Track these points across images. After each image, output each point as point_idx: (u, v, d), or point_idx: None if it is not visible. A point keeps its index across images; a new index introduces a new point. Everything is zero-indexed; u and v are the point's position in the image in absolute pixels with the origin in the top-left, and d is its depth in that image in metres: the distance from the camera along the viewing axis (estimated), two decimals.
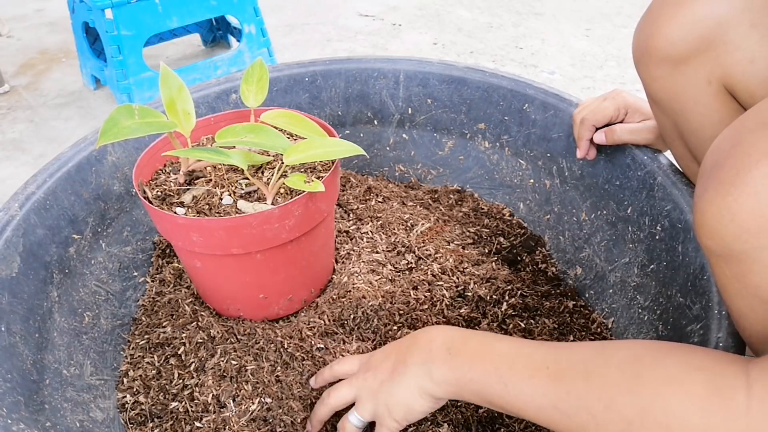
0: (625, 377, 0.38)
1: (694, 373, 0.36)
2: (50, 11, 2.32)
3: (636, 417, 0.37)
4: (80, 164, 0.76)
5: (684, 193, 0.67)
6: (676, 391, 0.36)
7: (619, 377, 0.39)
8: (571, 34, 1.99)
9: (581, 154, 0.80)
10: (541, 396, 0.42)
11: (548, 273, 0.84)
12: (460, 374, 0.48)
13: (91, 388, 0.67)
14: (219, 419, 0.63)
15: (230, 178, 0.69)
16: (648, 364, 0.38)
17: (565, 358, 0.43)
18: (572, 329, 0.75)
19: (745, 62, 0.53)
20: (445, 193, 0.99)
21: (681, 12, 0.55)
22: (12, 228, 0.65)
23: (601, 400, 0.39)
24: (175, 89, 0.65)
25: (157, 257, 0.84)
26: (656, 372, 0.37)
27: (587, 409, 0.39)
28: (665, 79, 0.59)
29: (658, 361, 0.38)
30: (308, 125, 0.68)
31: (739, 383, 0.34)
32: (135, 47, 1.51)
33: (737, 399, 0.34)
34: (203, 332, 0.71)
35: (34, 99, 1.72)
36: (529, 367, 0.44)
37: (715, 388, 0.35)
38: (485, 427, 0.63)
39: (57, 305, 0.68)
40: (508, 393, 0.44)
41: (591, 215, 0.83)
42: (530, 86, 0.89)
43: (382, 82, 0.97)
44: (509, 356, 0.46)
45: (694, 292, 0.60)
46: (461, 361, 0.48)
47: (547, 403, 0.42)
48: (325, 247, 0.75)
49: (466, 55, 1.88)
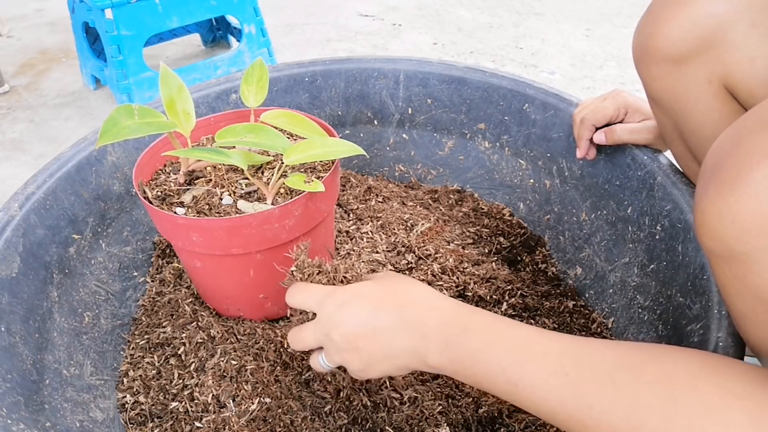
0: (658, 400, 0.37)
1: (733, 402, 0.35)
2: (50, 11, 2.32)
3: None
4: (80, 164, 0.76)
5: (684, 193, 0.67)
6: (713, 422, 0.34)
7: (651, 398, 0.37)
8: (571, 34, 1.99)
9: (581, 154, 0.80)
10: (556, 402, 0.40)
11: (548, 273, 0.84)
12: (461, 368, 0.45)
13: (91, 388, 0.67)
14: (219, 419, 0.63)
15: (230, 178, 0.69)
16: (683, 387, 0.36)
17: (586, 366, 0.40)
18: (572, 329, 0.75)
19: (745, 62, 0.53)
20: (445, 193, 0.99)
21: (681, 12, 0.55)
22: (12, 228, 0.65)
23: (629, 421, 0.37)
24: (175, 89, 0.65)
25: (157, 257, 0.84)
26: (692, 398, 0.36)
27: (611, 426, 0.38)
28: (665, 79, 0.59)
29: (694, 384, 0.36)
30: (308, 125, 0.68)
31: None
32: (135, 47, 1.51)
33: None
34: (203, 332, 0.71)
35: (34, 99, 1.72)
36: (543, 370, 0.41)
37: (755, 422, 0.34)
38: (485, 427, 0.63)
39: (57, 305, 0.68)
40: (518, 393, 0.42)
41: (591, 215, 0.83)
42: (530, 86, 0.89)
43: (382, 82, 0.97)
44: (518, 354, 0.43)
45: (694, 291, 0.60)
46: (462, 356, 0.45)
47: (563, 411, 0.40)
48: (325, 247, 0.75)
49: (466, 55, 1.88)
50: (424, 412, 0.63)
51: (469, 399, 0.65)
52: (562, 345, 0.42)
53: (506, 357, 0.43)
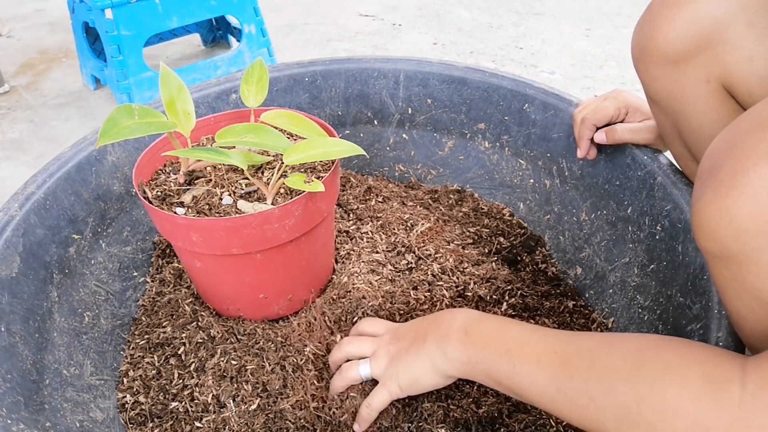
0: (627, 366, 0.40)
1: (692, 364, 0.37)
2: (50, 11, 2.32)
3: (633, 403, 0.38)
4: (80, 164, 0.76)
5: (684, 193, 0.67)
6: (673, 380, 0.37)
7: (621, 365, 0.40)
8: (571, 34, 1.99)
9: (581, 153, 0.80)
10: (546, 378, 0.45)
11: (548, 273, 0.84)
12: (472, 353, 0.50)
13: (91, 388, 0.67)
14: (219, 419, 0.63)
15: (230, 178, 0.69)
16: (649, 356, 0.40)
17: (572, 345, 0.45)
18: (572, 329, 0.75)
19: (743, 61, 0.53)
20: (445, 193, 0.99)
21: (680, 12, 0.55)
22: (12, 228, 0.65)
23: (602, 386, 0.41)
24: (175, 89, 0.65)
25: (157, 257, 0.84)
26: (656, 362, 0.39)
27: (588, 394, 0.41)
28: (664, 79, 0.59)
29: (659, 352, 0.40)
30: (308, 125, 0.68)
31: (734, 377, 0.35)
32: (135, 47, 1.51)
33: (731, 391, 0.35)
34: (203, 332, 0.71)
35: (34, 99, 1.72)
36: (537, 350, 0.46)
37: (710, 380, 0.36)
38: (485, 427, 0.63)
39: (57, 305, 0.68)
40: (516, 373, 0.47)
41: (591, 215, 0.83)
42: (530, 86, 0.89)
43: (382, 82, 0.97)
44: (520, 339, 0.48)
45: (694, 291, 0.60)
46: (475, 341, 0.51)
47: (552, 385, 0.44)
48: (325, 247, 0.75)
49: (466, 55, 1.88)
50: (423, 412, 0.63)
51: (469, 399, 0.65)
52: (558, 333, 0.48)
53: (510, 340, 0.49)
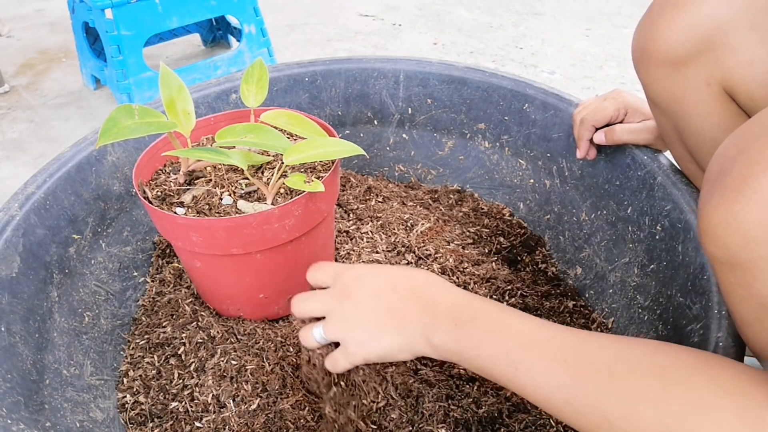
0: (651, 391, 0.37)
1: (723, 397, 0.35)
2: (50, 11, 2.32)
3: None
4: (80, 164, 0.76)
5: (684, 193, 0.67)
6: (704, 418, 0.35)
7: (644, 390, 0.38)
8: (571, 34, 1.99)
9: (581, 154, 0.80)
10: (554, 388, 0.42)
11: (548, 273, 0.84)
12: (465, 348, 0.46)
13: (91, 388, 0.67)
14: (219, 419, 0.63)
15: (230, 178, 0.69)
16: (676, 381, 0.37)
17: (585, 355, 0.41)
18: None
19: (744, 64, 0.53)
20: (445, 193, 0.99)
21: (680, 14, 0.55)
22: (12, 228, 0.65)
23: (622, 409, 0.38)
24: (175, 89, 0.65)
25: (157, 257, 0.84)
26: (685, 392, 0.36)
27: (603, 413, 0.39)
28: (665, 81, 0.59)
29: (688, 379, 0.37)
30: (308, 125, 0.68)
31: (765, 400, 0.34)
32: (135, 47, 1.51)
33: (764, 428, 0.33)
34: (203, 332, 0.71)
35: (34, 99, 1.72)
36: (544, 356, 0.43)
37: (743, 419, 0.34)
38: (485, 427, 0.63)
39: (57, 305, 0.68)
40: (518, 377, 0.43)
41: (591, 215, 0.83)
42: (530, 86, 0.89)
43: (382, 82, 0.97)
44: (523, 340, 0.44)
45: (694, 291, 0.60)
46: (469, 336, 0.46)
47: (561, 396, 0.41)
48: (325, 247, 0.75)
49: (466, 55, 1.88)
50: (424, 412, 0.63)
51: (470, 399, 0.65)
52: (564, 335, 0.44)
53: (511, 340, 0.44)
